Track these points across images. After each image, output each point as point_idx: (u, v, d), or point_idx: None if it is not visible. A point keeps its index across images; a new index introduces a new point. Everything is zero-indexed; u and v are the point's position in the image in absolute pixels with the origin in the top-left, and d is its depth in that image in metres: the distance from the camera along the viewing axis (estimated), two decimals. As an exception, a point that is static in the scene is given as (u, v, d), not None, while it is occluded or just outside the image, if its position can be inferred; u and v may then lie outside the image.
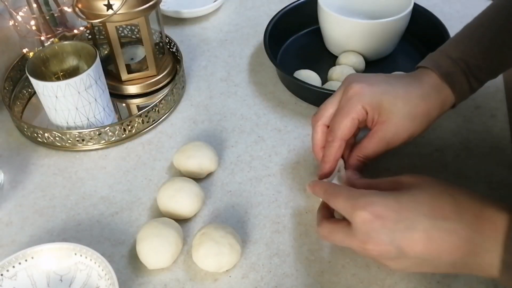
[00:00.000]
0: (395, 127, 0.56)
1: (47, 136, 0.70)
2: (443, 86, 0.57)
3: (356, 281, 0.55)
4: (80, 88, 0.66)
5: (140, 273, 0.57)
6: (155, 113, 0.73)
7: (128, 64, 0.78)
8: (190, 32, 0.92)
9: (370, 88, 0.56)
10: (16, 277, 0.54)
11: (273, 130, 0.73)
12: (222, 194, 0.64)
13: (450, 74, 0.57)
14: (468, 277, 0.54)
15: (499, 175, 0.64)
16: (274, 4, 0.97)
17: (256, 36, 0.90)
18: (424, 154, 0.67)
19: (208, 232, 0.55)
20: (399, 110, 0.55)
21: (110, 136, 0.70)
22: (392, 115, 0.55)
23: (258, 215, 0.62)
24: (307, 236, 0.59)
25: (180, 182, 0.61)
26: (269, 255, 0.57)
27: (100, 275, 0.53)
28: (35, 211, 0.64)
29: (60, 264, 0.55)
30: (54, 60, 0.71)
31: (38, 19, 0.76)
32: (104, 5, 0.68)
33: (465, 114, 0.72)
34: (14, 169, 0.69)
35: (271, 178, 0.66)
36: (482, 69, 0.58)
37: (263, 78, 0.81)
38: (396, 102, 0.55)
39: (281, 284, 0.55)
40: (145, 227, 0.57)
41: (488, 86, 0.54)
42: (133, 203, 0.64)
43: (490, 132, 0.69)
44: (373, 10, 0.85)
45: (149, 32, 0.73)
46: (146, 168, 0.68)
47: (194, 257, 0.55)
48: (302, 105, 0.76)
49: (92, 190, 0.66)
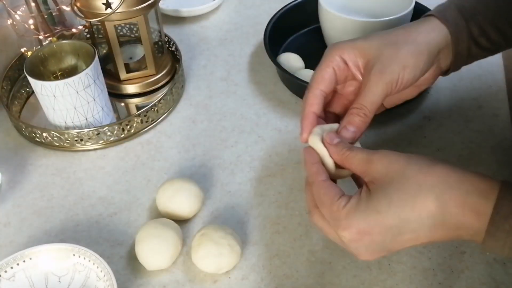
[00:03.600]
0: (389, 59, 0.50)
1: (45, 136, 0.69)
2: (436, 22, 0.53)
3: (357, 282, 0.54)
4: (78, 88, 0.65)
5: (139, 274, 0.56)
6: (154, 113, 0.73)
7: (127, 63, 0.78)
8: (190, 31, 0.92)
9: (350, 42, 0.52)
10: (14, 278, 0.54)
11: (273, 130, 0.72)
12: (221, 194, 0.64)
13: (444, 11, 0.54)
14: (470, 278, 0.54)
15: (501, 174, 0.63)
16: (274, 2, 0.96)
17: (256, 35, 0.90)
18: (425, 154, 0.66)
19: (207, 233, 0.55)
20: (389, 43, 0.51)
21: (109, 136, 0.70)
22: (381, 51, 0.50)
23: (258, 216, 0.61)
24: (307, 237, 0.59)
25: (179, 182, 0.61)
26: (269, 256, 0.57)
27: (98, 276, 0.52)
28: (33, 212, 0.63)
29: (59, 265, 0.54)
30: (53, 59, 0.71)
31: (37, 18, 0.76)
32: (103, 3, 0.68)
33: (467, 113, 0.72)
34: (12, 169, 0.69)
35: (271, 178, 0.66)
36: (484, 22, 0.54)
37: (263, 78, 0.81)
38: (384, 44, 0.51)
39: (281, 285, 0.54)
40: (144, 228, 0.56)
41: (490, 86, 0.53)
42: (132, 204, 0.64)
43: (492, 132, 0.69)
44: (374, 9, 0.84)
45: (148, 31, 0.73)
46: (145, 168, 0.68)
47: (193, 258, 0.55)
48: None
49: (90, 191, 0.65)
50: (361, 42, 0.52)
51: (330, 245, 0.58)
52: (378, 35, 0.53)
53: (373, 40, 0.52)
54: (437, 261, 0.56)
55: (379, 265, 0.56)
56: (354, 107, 0.50)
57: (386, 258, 0.56)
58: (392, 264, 0.56)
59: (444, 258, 0.56)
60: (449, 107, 0.72)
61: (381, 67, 0.50)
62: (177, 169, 0.67)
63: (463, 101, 0.63)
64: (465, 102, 0.59)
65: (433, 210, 0.42)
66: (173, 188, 0.60)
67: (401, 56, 0.50)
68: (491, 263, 0.55)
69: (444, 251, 0.57)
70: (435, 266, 0.55)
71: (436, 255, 0.56)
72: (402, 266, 0.55)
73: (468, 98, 0.73)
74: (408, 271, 0.55)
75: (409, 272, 0.55)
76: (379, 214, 0.43)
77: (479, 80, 0.62)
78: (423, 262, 0.56)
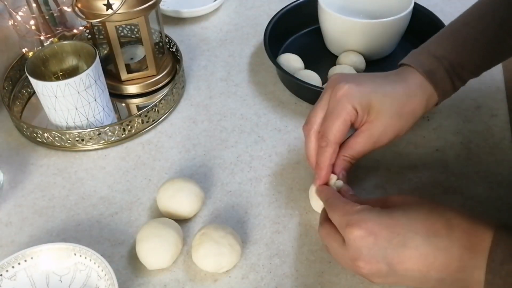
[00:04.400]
0: (383, 126, 0.55)
1: (47, 136, 0.69)
2: (426, 85, 0.57)
3: (356, 281, 0.54)
4: (79, 88, 0.66)
5: (140, 273, 0.56)
6: (155, 113, 0.73)
7: (128, 64, 0.78)
8: (190, 32, 0.92)
9: (359, 88, 0.55)
10: (15, 277, 0.54)
11: (273, 130, 0.72)
12: (222, 194, 0.64)
13: (433, 72, 0.57)
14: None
15: (500, 175, 0.64)
16: (274, 3, 0.97)
17: (256, 35, 0.90)
18: (424, 154, 0.67)
19: (208, 232, 0.55)
20: (387, 109, 0.55)
21: (110, 136, 0.70)
22: (380, 114, 0.55)
23: (258, 215, 0.62)
24: (307, 236, 0.59)
25: (180, 182, 0.61)
26: (269, 255, 0.57)
27: (99, 276, 0.53)
28: (34, 211, 0.64)
29: (60, 265, 0.55)
30: (54, 60, 0.71)
31: (38, 19, 0.76)
32: (104, 4, 0.68)
33: (465, 114, 0.72)
34: (14, 169, 0.69)
35: (271, 178, 0.66)
36: (465, 68, 0.58)
37: (263, 78, 0.81)
38: (385, 101, 0.55)
39: (281, 284, 0.55)
40: (145, 227, 0.57)
41: (489, 86, 0.53)
42: (133, 203, 0.64)
43: (490, 132, 0.69)
44: (374, 10, 0.85)
45: (148, 31, 0.73)
46: (146, 168, 0.68)
47: (194, 258, 0.55)
48: (302, 105, 0.76)
49: (91, 190, 0.66)
50: (369, 93, 0.55)
51: (329, 245, 0.58)
52: (382, 84, 0.56)
53: (378, 93, 0.55)
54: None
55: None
56: (345, 155, 0.57)
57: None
58: (391, 263, 0.56)
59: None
60: (448, 108, 0.72)
61: (373, 133, 0.56)
62: (178, 169, 0.68)
63: (462, 102, 0.63)
64: (464, 103, 0.59)
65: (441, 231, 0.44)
66: (174, 188, 0.60)
67: (396, 126, 0.56)
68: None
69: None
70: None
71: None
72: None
73: (467, 99, 0.73)
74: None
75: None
76: (391, 219, 0.45)
77: (478, 81, 0.62)
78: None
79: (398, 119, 0.55)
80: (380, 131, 0.55)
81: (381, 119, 0.55)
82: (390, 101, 0.55)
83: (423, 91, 0.57)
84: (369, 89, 0.55)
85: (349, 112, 0.54)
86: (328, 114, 0.56)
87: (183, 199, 0.60)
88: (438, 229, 0.44)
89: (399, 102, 0.55)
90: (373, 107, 0.55)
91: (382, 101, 0.55)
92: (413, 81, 0.57)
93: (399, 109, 0.55)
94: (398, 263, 0.44)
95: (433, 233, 0.44)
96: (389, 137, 0.56)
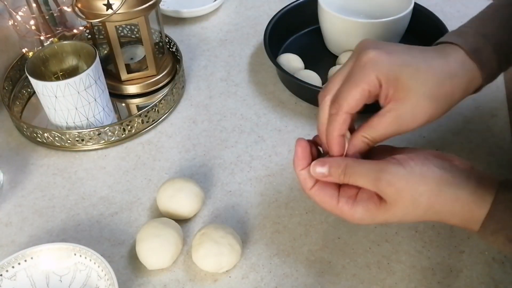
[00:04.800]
0: (412, 107, 0.46)
1: (47, 136, 0.69)
2: (470, 64, 0.49)
3: (356, 281, 0.54)
4: (79, 88, 0.66)
5: (140, 273, 0.56)
6: (155, 113, 0.73)
7: (128, 64, 0.78)
8: (190, 32, 0.92)
9: (388, 57, 0.46)
10: (15, 277, 0.54)
11: (273, 130, 0.72)
12: (222, 194, 0.64)
13: (480, 51, 0.49)
14: (468, 277, 0.54)
15: (500, 175, 0.64)
16: (274, 3, 0.97)
17: (256, 35, 0.90)
18: (424, 154, 0.67)
19: (208, 232, 0.55)
20: (419, 88, 0.46)
21: (110, 136, 0.70)
22: (410, 93, 0.46)
23: (258, 215, 0.62)
24: (307, 236, 0.59)
25: (180, 182, 0.61)
26: (269, 255, 0.57)
27: (99, 276, 0.53)
28: (34, 211, 0.64)
29: (60, 265, 0.55)
30: (54, 60, 0.71)
31: (38, 19, 0.76)
32: (104, 4, 0.68)
33: (465, 114, 0.72)
34: (14, 169, 0.69)
35: (271, 178, 0.66)
36: (511, 47, 0.52)
37: (263, 78, 0.81)
38: (417, 78, 0.46)
39: (281, 284, 0.55)
40: (145, 227, 0.57)
41: (489, 86, 0.53)
42: (133, 203, 0.64)
43: (490, 132, 0.69)
44: (374, 10, 0.85)
45: (148, 31, 0.73)
46: (146, 168, 0.68)
47: (194, 258, 0.55)
48: (302, 105, 0.76)
49: (91, 190, 0.66)
50: (399, 65, 0.47)
51: (329, 244, 0.58)
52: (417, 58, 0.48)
53: (410, 67, 0.47)
54: (436, 260, 0.56)
55: (378, 264, 0.56)
56: (365, 136, 0.49)
57: (385, 257, 0.56)
58: (391, 263, 0.56)
59: (443, 257, 0.56)
60: (448, 108, 0.72)
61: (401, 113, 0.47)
62: (178, 169, 0.68)
63: (462, 102, 0.62)
64: (464, 102, 0.59)
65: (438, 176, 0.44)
66: (174, 188, 0.60)
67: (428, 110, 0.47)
68: (490, 262, 0.56)
69: (443, 251, 0.57)
70: (434, 265, 0.56)
71: (435, 254, 0.57)
72: (401, 265, 0.56)
73: (467, 98, 0.73)
74: (407, 270, 0.55)
75: (408, 272, 0.55)
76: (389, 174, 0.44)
77: (478, 81, 0.62)
78: (422, 261, 0.56)
79: (432, 102, 0.47)
80: (408, 113, 0.47)
81: (411, 98, 0.46)
82: (423, 79, 0.46)
83: (466, 71, 0.49)
84: (401, 61, 0.47)
85: (370, 82, 0.46)
86: (347, 79, 0.48)
87: (183, 199, 0.60)
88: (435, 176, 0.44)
89: (435, 81, 0.47)
90: (402, 82, 0.46)
91: (413, 77, 0.46)
92: (455, 59, 0.49)
93: (434, 90, 0.47)
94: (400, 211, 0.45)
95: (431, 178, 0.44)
96: (419, 122, 0.47)
